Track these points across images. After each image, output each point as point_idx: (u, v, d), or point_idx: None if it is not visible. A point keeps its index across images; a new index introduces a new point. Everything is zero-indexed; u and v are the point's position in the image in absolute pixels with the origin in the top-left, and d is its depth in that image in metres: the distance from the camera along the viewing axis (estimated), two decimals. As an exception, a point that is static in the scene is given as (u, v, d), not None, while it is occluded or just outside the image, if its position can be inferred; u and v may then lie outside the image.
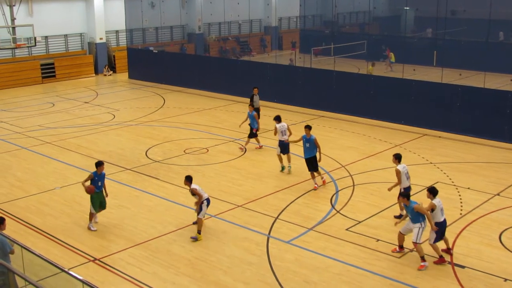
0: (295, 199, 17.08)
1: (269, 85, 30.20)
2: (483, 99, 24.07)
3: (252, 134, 22.02)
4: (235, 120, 26.93)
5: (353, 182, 18.49)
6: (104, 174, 15.33)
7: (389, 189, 15.32)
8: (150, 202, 17.07)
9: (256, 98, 24.75)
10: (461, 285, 12.34)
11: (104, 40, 41.07)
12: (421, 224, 12.89)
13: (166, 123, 26.46)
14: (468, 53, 37.45)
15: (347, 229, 15.04)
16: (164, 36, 46.13)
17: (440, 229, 13.03)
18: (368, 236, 14.61)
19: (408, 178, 15.16)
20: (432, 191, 13.09)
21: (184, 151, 22.04)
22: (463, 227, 15.06)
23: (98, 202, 15.16)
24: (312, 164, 17.79)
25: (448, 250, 13.60)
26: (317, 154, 17.67)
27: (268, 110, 28.63)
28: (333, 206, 16.55)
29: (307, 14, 52.22)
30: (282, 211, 16.26)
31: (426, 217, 12.83)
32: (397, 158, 15.30)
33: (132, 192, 17.97)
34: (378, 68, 35.96)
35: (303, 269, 13.01)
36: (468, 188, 17.88)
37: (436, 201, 12.97)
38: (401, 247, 13.73)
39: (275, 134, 19.85)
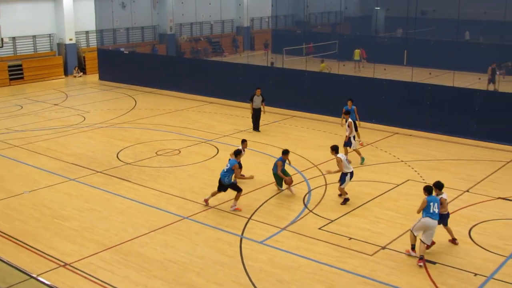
0: (268, 199, 17.07)
1: (241, 85, 30.18)
2: (452, 98, 24.33)
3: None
4: (208, 121, 26.87)
5: (326, 181, 18.54)
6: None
7: (328, 172, 17.49)
8: (121, 205, 16.90)
9: (256, 98, 24.61)
10: (432, 280, 12.44)
11: (73, 41, 40.61)
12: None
13: (137, 125, 26.26)
14: (437, 52, 37.90)
15: (319, 228, 15.06)
16: (135, 37, 45.80)
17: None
18: (341, 235, 14.66)
19: (349, 163, 16.85)
20: (437, 186, 13.65)
21: (156, 153, 21.89)
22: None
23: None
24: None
25: (454, 241, 14.17)
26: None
27: (239, 110, 28.62)
28: (305, 206, 16.57)
29: (279, 14, 52.32)
30: (255, 211, 16.23)
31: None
32: (334, 149, 16.62)
33: (103, 195, 17.77)
34: (348, 68, 36.11)
35: (276, 269, 12.99)
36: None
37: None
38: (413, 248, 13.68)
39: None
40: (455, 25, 33.96)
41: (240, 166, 17.08)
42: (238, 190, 16.30)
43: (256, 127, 24.96)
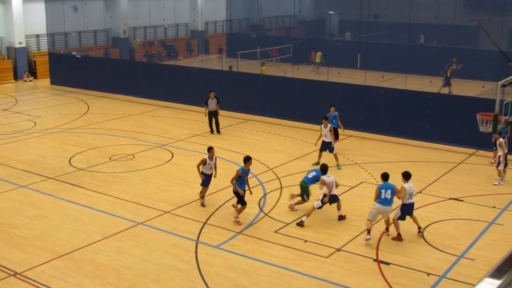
0: (224, 204, 17.01)
1: (196, 89, 30.04)
2: (405, 100, 24.74)
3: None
4: (162, 125, 26.66)
5: (281, 185, 18.59)
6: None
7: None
8: (74, 211, 16.59)
9: (211, 101, 24.51)
10: (386, 281, 12.59)
11: (23, 45, 39.74)
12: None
13: (90, 130, 25.87)
14: (390, 56, 38.49)
15: (275, 231, 15.08)
16: (88, 41, 45.16)
17: (405, 210, 14.45)
18: (296, 238, 14.71)
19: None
20: (405, 175, 14.55)
21: (110, 158, 21.60)
22: (388, 225, 15.36)
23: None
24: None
25: (419, 230, 14.84)
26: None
27: (194, 114, 28.49)
28: (261, 209, 16.58)
29: (233, 18, 52.34)
30: (211, 216, 16.16)
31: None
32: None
33: (55, 201, 17.43)
34: (302, 71, 36.40)
35: (232, 273, 12.95)
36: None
37: (407, 185, 14.41)
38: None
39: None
40: (407, 29, 34.64)
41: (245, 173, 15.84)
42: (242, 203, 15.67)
43: (213, 130, 24.97)
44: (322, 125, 20.21)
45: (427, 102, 24.07)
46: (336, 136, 21.42)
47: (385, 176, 14.66)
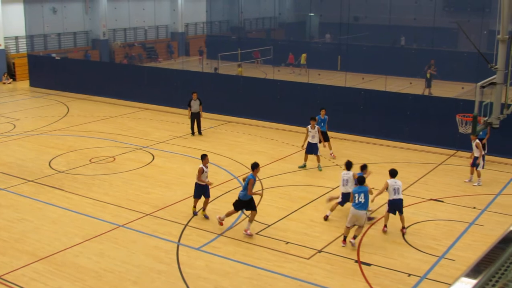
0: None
1: (177, 91, 29.98)
2: (385, 102, 24.89)
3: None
4: (143, 127, 26.54)
5: (262, 186, 18.59)
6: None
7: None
8: (54, 214, 16.46)
9: (193, 102, 24.50)
10: (367, 282, 12.64)
11: (2, 47, 39.37)
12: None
13: (70, 132, 25.68)
14: (370, 57, 38.71)
15: (257, 233, 15.08)
16: (67, 43, 44.85)
17: (392, 205, 14.89)
18: (278, 239, 14.72)
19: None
20: (390, 172, 15.13)
21: (90, 160, 21.46)
22: (369, 226, 15.45)
23: None
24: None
25: (402, 229, 15.08)
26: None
27: (175, 116, 28.41)
28: (242, 211, 16.54)
29: (213, 20, 52.36)
30: (192, 218, 16.11)
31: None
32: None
33: (35, 204, 17.27)
34: (283, 73, 36.50)
35: (213, 275, 12.92)
36: (373, 188, 18.29)
37: (390, 180, 14.93)
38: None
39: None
40: (386, 30, 34.88)
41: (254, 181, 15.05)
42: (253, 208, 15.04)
43: (194, 132, 24.94)
44: (309, 126, 20.23)
45: (407, 104, 24.23)
46: (326, 138, 21.45)
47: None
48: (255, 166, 15.02)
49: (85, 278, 12.83)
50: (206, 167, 15.87)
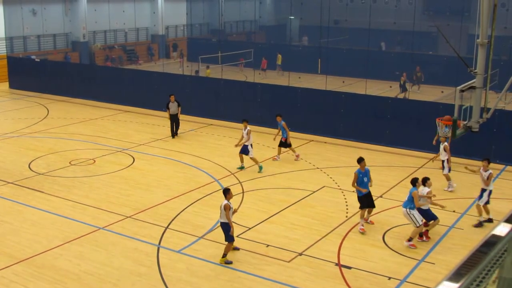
0: (185, 208, 16.95)
1: (157, 94, 29.89)
2: (365, 105, 25.03)
3: (282, 144, 21.67)
4: (122, 129, 26.44)
5: (243, 189, 18.61)
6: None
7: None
8: (33, 216, 16.33)
9: (172, 105, 24.53)
10: (348, 285, 12.70)
11: (-19, 48, 39.01)
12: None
13: (50, 134, 25.49)
14: (350, 61, 38.89)
15: (237, 236, 15.06)
16: (47, 45, 44.44)
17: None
18: (258, 242, 14.74)
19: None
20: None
21: (70, 163, 21.32)
22: (349, 229, 15.54)
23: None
24: (369, 199, 15.88)
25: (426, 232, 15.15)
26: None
27: (155, 119, 28.33)
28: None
29: (194, 22, 52.25)
30: (172, 220, 16.08)
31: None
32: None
33: (14, 206, 17.12)
34: (269, 75, 36.54)
35: (194, 278, 12.91)
36: (353, 191, 18.42)
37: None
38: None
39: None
40: (366, 34, 35.07)
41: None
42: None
43: (174, 134, 24.90)
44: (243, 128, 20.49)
45: (387, 107, 24.40)
46: (285, 145, 21.61)
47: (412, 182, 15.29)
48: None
49: (65, 280, 12.75)
50: (229, 203, 13.65)
